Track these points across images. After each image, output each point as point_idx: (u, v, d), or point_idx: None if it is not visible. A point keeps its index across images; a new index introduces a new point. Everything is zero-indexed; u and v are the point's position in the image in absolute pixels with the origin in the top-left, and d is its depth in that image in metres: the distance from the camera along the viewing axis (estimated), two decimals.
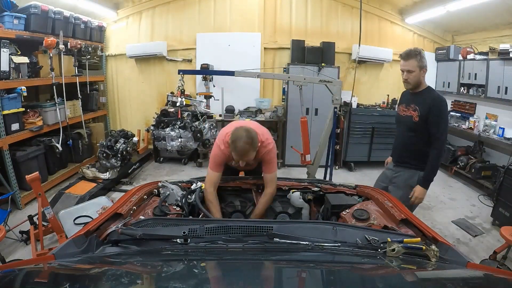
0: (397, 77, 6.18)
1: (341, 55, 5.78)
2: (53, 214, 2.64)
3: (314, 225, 1.38)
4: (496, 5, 4.14)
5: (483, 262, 2.78)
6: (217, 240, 1.16)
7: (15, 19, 3.67)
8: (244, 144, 1.76)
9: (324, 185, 2.08)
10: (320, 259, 1.12)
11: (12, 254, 2.81)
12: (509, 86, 4.30)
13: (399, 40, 5.98)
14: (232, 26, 5.68)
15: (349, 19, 5.76)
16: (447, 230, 3.43)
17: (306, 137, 3.78)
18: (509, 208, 3.39)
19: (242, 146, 1.76)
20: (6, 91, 3.54)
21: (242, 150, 1.78)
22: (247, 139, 1.76)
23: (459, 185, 4.78)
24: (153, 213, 1.65)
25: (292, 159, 5.31)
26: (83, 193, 3.64)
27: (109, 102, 6.18)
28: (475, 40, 5.34)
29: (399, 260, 1.06)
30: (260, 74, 3.97)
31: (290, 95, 5.23)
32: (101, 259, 1.10)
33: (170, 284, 0.83)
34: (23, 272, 0.90)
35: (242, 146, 1.76)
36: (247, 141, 1.76)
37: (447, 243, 1.27)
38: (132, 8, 5.79)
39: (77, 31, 4.83)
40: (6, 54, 3.44)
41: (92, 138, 5.25)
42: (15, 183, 3.61)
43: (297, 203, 1.99)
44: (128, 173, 4.82)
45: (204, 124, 3.71)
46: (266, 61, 5.80)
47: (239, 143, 1.76)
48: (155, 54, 5.64)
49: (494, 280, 0.96)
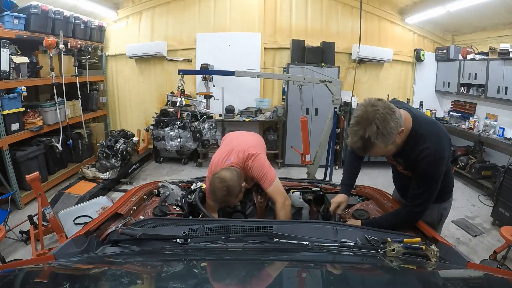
0: (397, 77, 6.22)
1: (341, 55, 5.78)
2: (53, 214, 2.64)
3: (314, 225, 1.38)
4: (496, 5, 4.13)
5: (483, 262, 2.78)
6: (217, 240, 1.16)
7: (15, 19, 3.66)
8: (222, 196, 1.70)
9: (324, 185, 2.08)
10: (320, 259, 1.12)
11: (12, 254, 2.81)
12: (509, 86, 4.29)
13: (399, 40, 5.99)
14: (232, 26, 5.68)
15: (349, 19, 5.76)
16: (447, 230, 3.42)
17: (306, 137, 3.78)
18: (509, 208, 3.39)
19: (220, 198, 1.71)
20: (6, 91, 3.54)
21: (221, 200, 1.73)
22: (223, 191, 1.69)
23: (459, 185, 4.77)
24: (153, 213, 1.65)
25: (292, 159, 5.31)
26: (83, 193, 3.64)
27: (109, 102, 6.18)
28: (475, 40, 5.34)
29: (399, 260, 1.06)
30: (260, 74, 3.97)
31: (290, 95, 5.23)
32: (101, 259, 1.10)
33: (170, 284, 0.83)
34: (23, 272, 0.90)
35: (220, 198, 1.71)
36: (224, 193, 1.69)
37: (447, 243, 1.27)
38: (132, 8, 5.79)
39: (77, 31, 4.83)
40: (6, 54, 3.44)
41: (92, 138, 5.25)
42: (15, 183, 3.61)
43: (297, 203, 1.99)
44: (128, 173, 4.82)
45: (203, 124, 3.70)
46: (266, 61, 5.79)
47: (217, 196, 1.71)
48: (155, 54, 5.64)
49: (494, 280, 0.96)
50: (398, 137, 1.33)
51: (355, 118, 1.31)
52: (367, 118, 1.26)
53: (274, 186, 1.84)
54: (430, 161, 1.37)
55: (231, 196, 1.72)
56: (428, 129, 1.41)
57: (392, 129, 1.27)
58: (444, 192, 1.63)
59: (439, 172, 1.41)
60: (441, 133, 1.44)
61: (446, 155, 1.41)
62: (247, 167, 1.87)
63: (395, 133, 1.29)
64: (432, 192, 1.45)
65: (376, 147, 1.29)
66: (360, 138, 1.28)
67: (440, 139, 1.41)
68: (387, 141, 1.28)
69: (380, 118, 1.25)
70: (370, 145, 1.28)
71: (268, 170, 1.85)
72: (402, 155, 1.48)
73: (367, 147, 1.30)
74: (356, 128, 1.29)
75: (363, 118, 1.27)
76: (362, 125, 1.27)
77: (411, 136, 1.40)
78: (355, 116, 1.31)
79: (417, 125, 1.40)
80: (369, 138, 1.26)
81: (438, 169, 1.40)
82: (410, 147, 1.41)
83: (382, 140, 1.27)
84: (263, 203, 2.04)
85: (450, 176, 1.66)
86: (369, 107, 1.28)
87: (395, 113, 1.28)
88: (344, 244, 1.14)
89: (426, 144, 1.37)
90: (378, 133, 1.25)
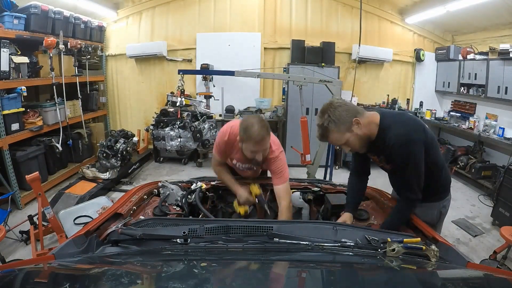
0: (397, 77, 6.21)
1: (341, 55, 5.78)
2: (53, 214, 2.64)
3: (314, 225, 1.38)
4: (496, 5, 4.13)
5: (483, 262, 2.78)
6: (217, 240, 1.16)
7: (15, 19, 3.66)
8: (259, 129, 1.60)
9: (324, 185, 2.08)
10: (320, 259, 1.12)
11: (12, 254, 2.80)
12: (509, 86, 4.30)
13: (399, 40, 5.99)
14: (232, 26, 5.68)
15: (349, 19, 5.76)
16: (447, 230, 3.42)
17: (306, 137, 3.78)
18: (509, 208, 3.39)
19: (257, 131, 1.60)
20: (6, 91, 3.54)
21: (258, 135, 1.61)
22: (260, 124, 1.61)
23: (459, 185, 4.78)
24: (153, 213, 1.65)
25: (292, 159, 5.28)
26: (83, 193, 3.64)
27: (109, 102, 6.18)
28: (475, 40, 5.34)
29: (399, 260, 1.06)
30: (260, 74, 3.97)
31: (290, 95, 5.23)
32: (101, 259, 1.10)
33: (170, 284, 0.83)
34: (23, 272, 0.90)
35: (257, 131, 1.60)
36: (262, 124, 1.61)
37: (447, 243, 1.27)
38: (132, 8, 5.79)
39: (77, 31, 4.83)
40: (6, 54, 3.44)
41: (92, 138, 5.25)
42: (15, 183, 3.61)
43: (297, 203, 1.99)
44: (128, 173, 4.82)
45: (203, 124, 3.71)
46: (266, 61, 5.79)
47: (253, 129, 1.61)
48: (155, 54, 5.64)
49: (494, 280, 0.96)
50: (357, 127, 1.47)
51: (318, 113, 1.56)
52: (322, 110, 1.51)
53: (287, 185, 1.84)
54: (399, 146, 1.44)
55: (267, 132, 1.67)
56: (392, 120, 1.51)
57: (341, 116, 1.45)
58: (441, 190, 1.67)
59: (414, 155, 1.45)
60: (405, 119, 1.53)
61: (413, 137, 1.45)
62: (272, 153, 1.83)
63: (348, 122, 1.46)
64: (418, 176, 1.50)
65: (331, 133, 1.49)
66: (319, 127, 1.52)
67: (403, 124, 1.49)
68: (339, 127, 1.46)
69: (331, 109, 1.47)
70: (326, 131, 1.49)
71: (287, 168, 1.88)
72: (377, 151, 1.58)
73: (324, 134, 1.51)
74: (317, 120, 1.54)
75: (321, 111, 1.52)
76: (319, 116, 1.51)
77: (380, 130, 1.50)
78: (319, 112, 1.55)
79: (384, 119, 1.51)
80: (323, 125, 1.48)
81: (410, 152, 1.45)
82: (381, 140, 1.50)
83: (334, 126, 1.46)
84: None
85: (445, 173, 1.68)
86: (326, 104, 1.52)
87: (347, 105, 1.50)
88: (344, 244, 1.14)
89: (391, 132, 1.46)
90: (330, 120, 1.46)
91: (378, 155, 1.61)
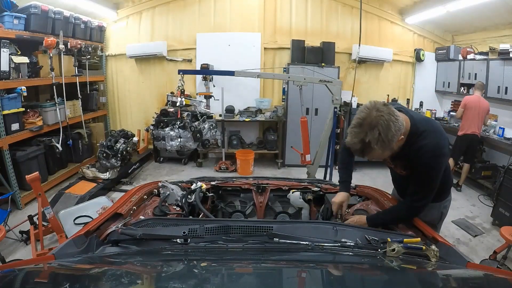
0: (397, 77, 6.22)
1: (341, 55, 5.78)
2: (53, 214, 2.64)
3: (314, 225, 1.38)
4: (496, 5, 4.14)
5: (483, 262, 2.78)
6: (217, 240, 1.16)
7: (15, 19, 3.67)
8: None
9: (324, 185, 2.07)
10: (320, 259, 1.12)
11: (12, 254, 2.81)
12: (509, 86, 4.30)
13: (399, 40, 6.00)
14: (232, 26, 5.68)
15: (349, 19, 5.76)
16: (447, 230, 3.42)
17: (306, 137, 3.78)
18: (509, 208, 3.39)
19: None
20: (6, 91, 3.55)
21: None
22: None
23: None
24: (153, 213, 1.65)
25: (292, 159, 5.31)
26: (83, 193, 3.64)
27: (109, 102, 6.18)
28: (475, 40, 5.34)
29: (399, 260, 1.06)
30: (260, 74, 3.97)
31: (290, 95, 5.23)
32: (101, 259, 1.10)
33: (170, 284, 0.83)
34: (23, 272, 0.90)
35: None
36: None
37: (447, 243, 1.26)
38: (132, 8, 5.79)
39: (77, 31, 4.84)
40: (6, 54, 3.45)
41: (92, 138, 5.26)
42: (15, 183, 3.61)
43: (297, 203, 1.99)
44: (128, 173, 4.82)
45: (203, 124, 3.70)
46: (266, 61, 5.79)
47: None
48: (155, 54, 5.64)
49: (494, 280, 0.96)
50: (396, 144, 1.32)
51: (357, 120, 1.29)
52: (371, 122, 1.24)
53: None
54: (431, 156, 1.36)
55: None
56: (427, 126, 1.42)
57: (393, 137, 1.25)
58: (443, 190, 1.65)
59: (440, 168, 1.41)
60: (440, 129, 1.46)
61: (445, 151, 1.42)
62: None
63: (395, 141, 1.29)
64: (433, 188, 1.45)
65: (374, 152, 1.29)
66: (360, 141, 1.26)
67: (440, 134, 1.42)
68: (386, 148, 1.28)
69: (384, 125, 1.23)
70: (369, 149, 1.28)
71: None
72: (401, 156, 1.46)
73: (365, 151, 1.29)
74: (357, 130, 1.27)
75: (366, 122, 1.25)
76: (363, 128, 1.25)
77: (410, 135, 1.39)
78: (358, 118, 1.28)
79: (416, 124, 1.40)
80: (369, 143, 1.25)
81: (439, 164, 1.40)
82: (409, 146, 1.39)
83: (381, 146, 1.25)
84: (263, 203, 2.04)
85: (449, 174, 1.67)
86: (374, 111, 1.25)
87: (398, 121, 1.26)
88: (344, 244, 1.14)
89: (426, 140, 1.37)
90: (379, 140, 1.24)
91: (396, 159, 1.51)
